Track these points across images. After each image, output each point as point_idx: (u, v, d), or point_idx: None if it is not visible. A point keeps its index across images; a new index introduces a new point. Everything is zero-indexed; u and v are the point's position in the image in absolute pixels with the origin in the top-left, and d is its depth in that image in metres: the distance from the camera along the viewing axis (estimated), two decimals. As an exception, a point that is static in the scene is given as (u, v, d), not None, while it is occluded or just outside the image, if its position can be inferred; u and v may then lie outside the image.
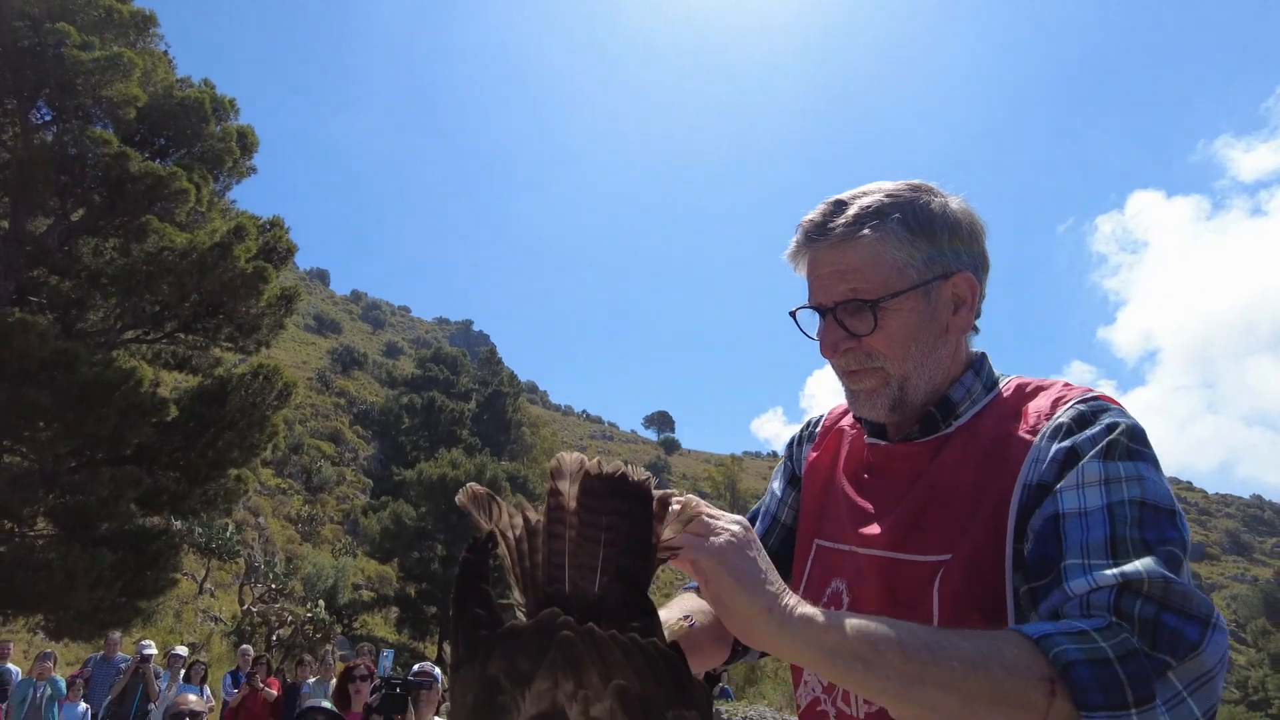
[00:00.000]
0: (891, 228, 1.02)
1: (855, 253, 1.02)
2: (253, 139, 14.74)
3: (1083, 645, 0.75)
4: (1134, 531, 0.83)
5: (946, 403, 1.06)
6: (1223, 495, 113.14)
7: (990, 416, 1.04)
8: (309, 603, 23.19)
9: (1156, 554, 0.81)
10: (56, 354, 10.44)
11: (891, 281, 1.02)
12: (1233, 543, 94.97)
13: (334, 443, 56.03)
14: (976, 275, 1.07)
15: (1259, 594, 75.90)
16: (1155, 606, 0.77)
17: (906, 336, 1.03)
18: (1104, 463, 0.89)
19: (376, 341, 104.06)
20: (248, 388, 12.61)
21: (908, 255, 1.02)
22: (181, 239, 11.99)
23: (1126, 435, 0.91)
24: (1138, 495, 0.86)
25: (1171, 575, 0.79)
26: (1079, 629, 0.76)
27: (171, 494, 12.33)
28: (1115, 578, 0.80)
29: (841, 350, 1.06)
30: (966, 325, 1.07)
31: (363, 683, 5.02)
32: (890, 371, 1.05)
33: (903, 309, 1.03)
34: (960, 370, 1.08)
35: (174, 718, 3.84)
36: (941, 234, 1.04)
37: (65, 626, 11.28)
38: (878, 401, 1.06)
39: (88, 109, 12.65)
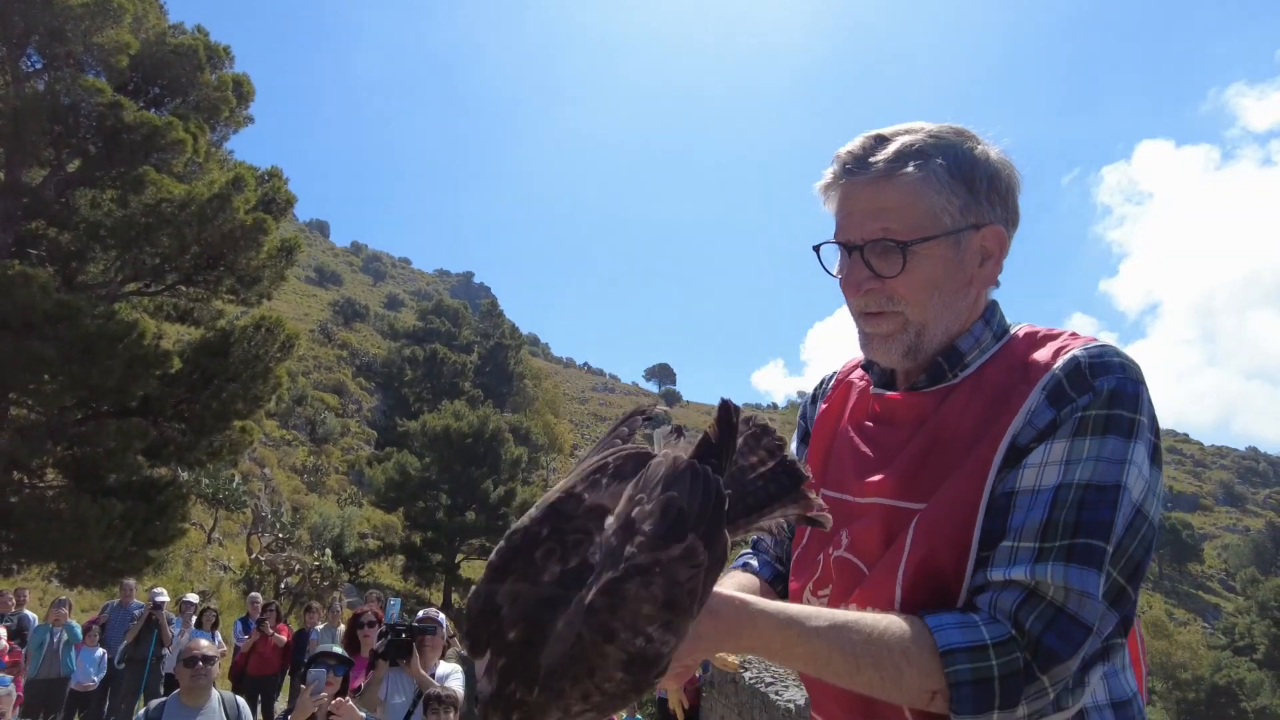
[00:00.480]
0: (934, 169, 1.01)
1: (894, 191, 1.01)
2: (249, 88, 14.50)
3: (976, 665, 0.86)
4: (1070, 516, 0.89)
5: (954, 352, 1.06)
6: (1218, 447, 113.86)
7: (997, 365, 1.04)
8: (316, 551, 23.61)
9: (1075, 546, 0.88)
10: (58, 306, 10.44)
11: (926, 225, 1.01)
12: (1226, 494, 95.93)
13: (337, 394, 56.28)
14: (1007, 230, 1.06)
15: (1249, 544, 76.98)
16: (1042, 625, 0.87)
17: (931, 283, 1.03)
18: (1071, 441, 0.92)
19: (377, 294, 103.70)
20: (250, 340, 12.63)
21: (945, 200, 1.01)
22: (179, 190, 11.88)
23: (1105, 403, 0.92)
24: (1086, 477, 0.90)
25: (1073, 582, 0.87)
26: (981, 642, 0.87)
27: (177, 445, 12.45)
28: (1026, 577, 0.88)
29: (864, 290, 1.05)
30: (991, 278, 1.07)
31: (370, 629, 5.14)
32: (910, 317, 1.04)
33: (932, 255, 1.02)
34: (973, 320, 1.07)
35: (187, 661, 3.95)
36: (980, 183, 1.03)
37: (78, 574, 11.50)
38: (893, 346, 1.06)
39: (79, 56, 12.42)
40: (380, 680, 4.28)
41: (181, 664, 3.94)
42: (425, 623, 4.60)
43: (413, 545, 30.20)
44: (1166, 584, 70.66)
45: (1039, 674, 0.86)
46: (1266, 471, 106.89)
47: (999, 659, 0.86)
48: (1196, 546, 73.31)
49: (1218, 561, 77.43)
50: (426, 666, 4.38)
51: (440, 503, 30.61)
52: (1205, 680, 43.95)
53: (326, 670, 3.78)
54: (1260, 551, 73.82)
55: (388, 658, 4.28)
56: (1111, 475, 0.90)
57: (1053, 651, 0.86)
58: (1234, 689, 43.18)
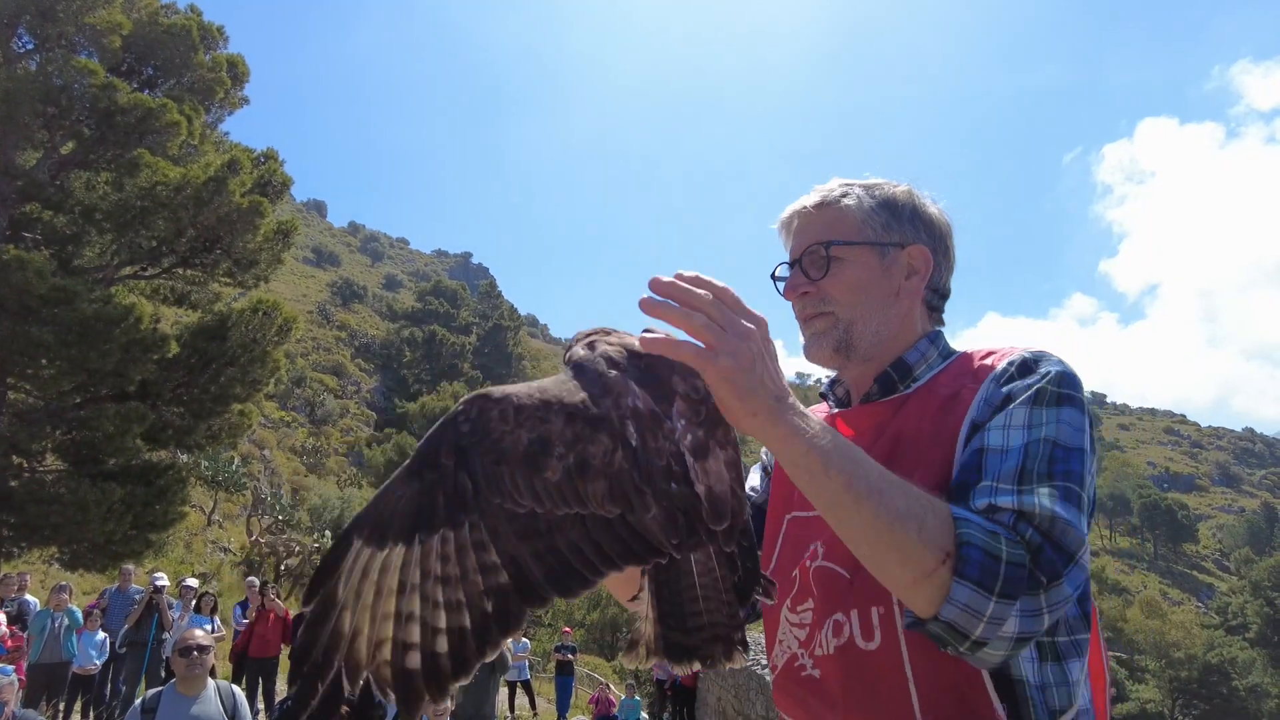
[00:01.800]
0: (862, 198, 1.19)
1: (828, 214, 1.19)
2: (244, 68, 14.37)
3: (987, 539, 0.88)
4: (1042, 466, 0.95)
5: (902, 365, 1.17)
6: (1215, 428, 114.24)
7: (946, 375, 1.14)
8: (316, 533, 23.71)
9: (1055, 487, 0.94)
10: (55, 290, 10.41)
11: (850, 234, 1.17)
12: (1222, 474, 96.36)
13: (336, 376, 56.29)
14: (935, 256, 1.20)
15: (1245, 524, 77.41)
16: (1041, 537, 0.91)
17: (858, 285, 1.16)
18: (1031, 408, 1.00)
19: (375, 274, 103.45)
20: (248, 323, 12.60)
21: (869, 218, 1.18)
22: (175, 173, 11.80)
23: (1055, 382, 1.02)
24: (1052, 435, 0.98)
25: (1059, 510, 0.92)
26: (993, 529, 0.90)
27: (176, 429, 12.47)
28: (1012, 503, 0.93)
29: (800, 293, 1.19)
30: (916, 291, 1.19)
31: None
32: (839, 315, 1.17)
33: (857, 260, 1.17)
34: (915, 338, 1.19)
35: (182, 651, 3.97)
36: (904, 210, 1.20)
37: (79, 558, 11.56)
38: (824, 342, 1.18)
39: (71, 37, 12.29)
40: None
41: (177, 654, 3.97)
42: None
43: (413, 526, 30.38)
44: (1162, 564, 71.17)
45: (1041, 584, 0.88)
46: (1263, 452, 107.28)
47: (1008, 546, 0.89)
48: (1192, 527, 73.75)
49: (1213, 542, 77.97)
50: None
51: (439, 484, 30.76)
52: (1198, 659, 44.41)
53: None
54: (1255, 532, 74.29)
55: None
56: (1075, 440, 0.98)
57: (1051, 563, 0.89)
58: (1226, 667, 43.66)
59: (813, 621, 1.13)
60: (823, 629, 1.09)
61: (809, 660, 1.12)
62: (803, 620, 1.15)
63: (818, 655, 1.11)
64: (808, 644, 1.13)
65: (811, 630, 1.13)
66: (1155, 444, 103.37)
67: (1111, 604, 48.58)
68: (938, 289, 1.22)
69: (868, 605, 1.04)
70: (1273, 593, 50.43)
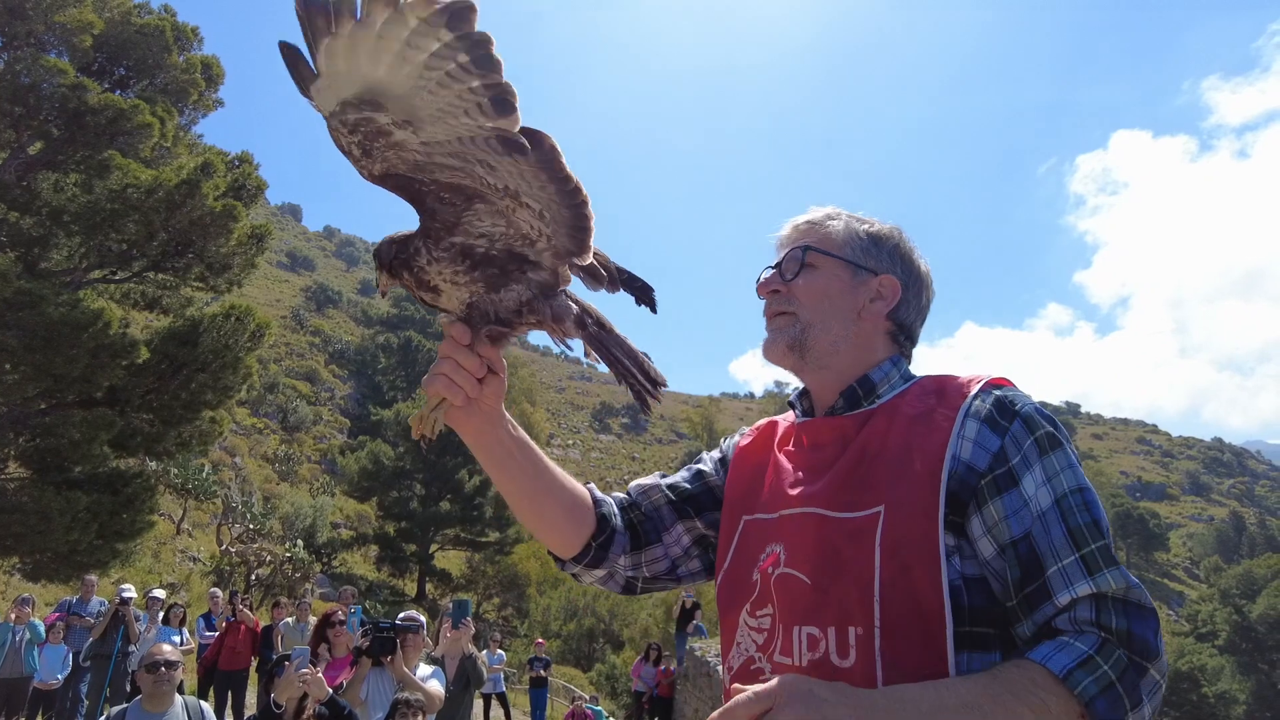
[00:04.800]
0: (848, 220, 1.29)
1: (815, 229, 1.30)
2: (218, 70, 14.16)
3: (1094, 675, 0.93)
4: (1083, 517, 1.01)
5: (867, 381, 1.23)
6: (1185, 438, 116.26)
7: (910, 395, 1.18)
8: (288, 542, 23.35)
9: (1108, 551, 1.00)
10: (20, 294, 10.14)
11: (829, 247, 1.27)
12: (1192, 483, 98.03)
13: (310, 382, 55.65)
14: (905, 292, 1.27)
15: (1214, 533, 78.76)
16: (1125, 619, 0.96)
17: (824, 293, 1.25)
18: (1041, 461, 1.05)
19: (350, 279, 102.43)
20: (220, 329, 12.36)
21: (849, 239, 1.27)
22: (147, 176, 11.58)
23: (1041, 425, 1.07)
24: (1074, 483, 1.03)
25: (1127, 578, 0.98)
26: (1085, 654, 0.94)
27: (145, 436, 12.19)
28: (1090, 589, 0.97)
29: (770, 289, 1.29)
30: (879, 316, 1.26)
31: (341, 628, 5.07)
32: (800, 316, 1.25)
33: (829, 271, 1.26)
34: (878, 360, 1.25)
35: (149, 667, 3.84)
36: (885, 243, 1.28)
37: (43, 568, 11.25)
38: (780, 338, 1.25)
39: (40, 35, 12.03)
40: (362, 679, 4.26)
41: (144, 669, 3.84)
42: (408, 622, 4.63)
43: (386, 535, 29.98)
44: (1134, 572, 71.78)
45: (1146, 665, 0.95)
46: (1231, 462, 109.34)
47: (1106, 662, 0.94)
48: (1163, 535, 74.86)
49: (1183, 550, 79.23)
50: (408, 666, 4.41)
51: (414, 492, 30.40)
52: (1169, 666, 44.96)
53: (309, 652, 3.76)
54: (1224, 540, 75.66)
55: (372, 655, 4.30)
56: (1079, 479, 1.04)
57: (1144, 639, 0.96)
58: (1196, 674, 44.27)
59: (770, 627, 1.15)
60: (790, 636, 1.11)
61: (767, 665, 1.14)
62: (761, 625, 1.17)
63: (777, 661, 1.12)
64: (765, 648, 1.15)
65: (769, 635, 1.15)
66: (1128, 453, 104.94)
67: (1084, 612, 49.03)
68: (903, 326, 1.28)
69: (845, 624, 1.05)
70: (1241, 600, 51.27)
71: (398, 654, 4.35)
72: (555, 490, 1.32)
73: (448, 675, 5.52)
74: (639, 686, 13.05)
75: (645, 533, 1.38)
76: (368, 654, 4.33)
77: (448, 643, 5.81)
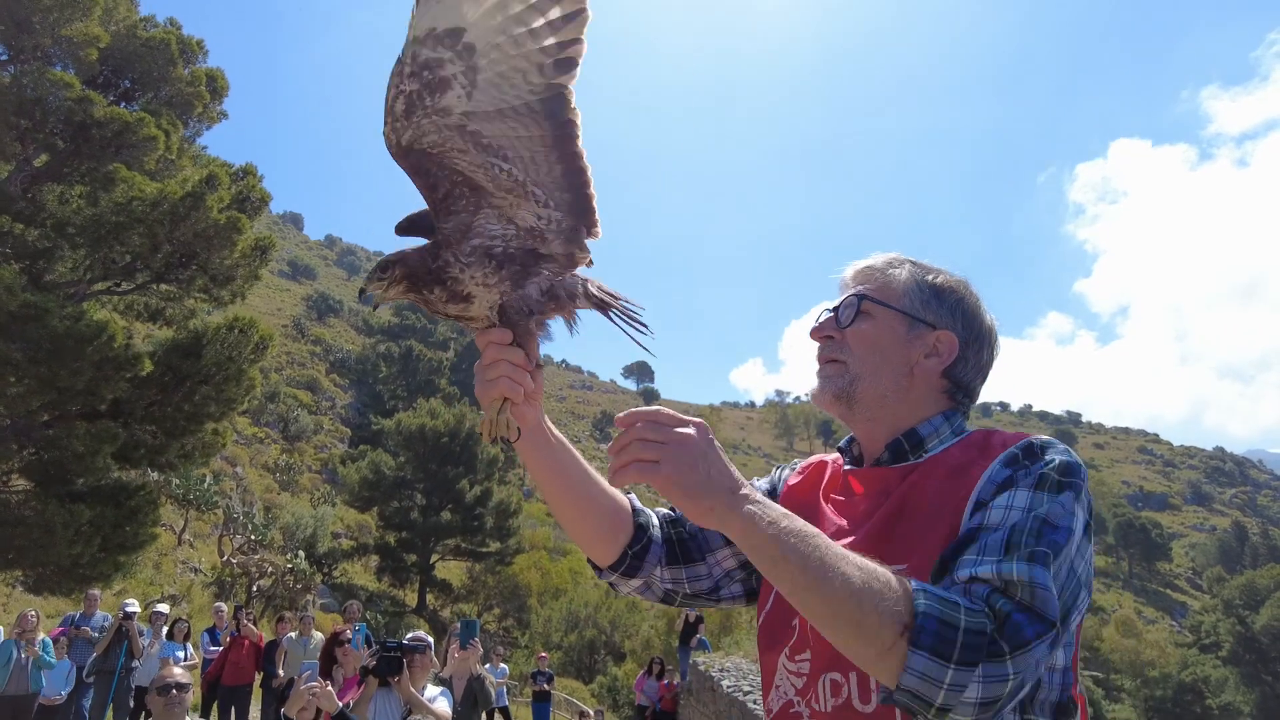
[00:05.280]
0: (911, 270, 1.27)
1: (876, 275, 1.28)
2: (223, 83, 14.20)
3: (944, 609, 0.91)
4: (1030, 540, 0.99)
5: (914, 435, 1.21)
6: (1186, 447, 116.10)
7: (957, 449, 1.18)
8: (289, 553, 23.28)
9: (1036, 555, 0.97)
10: (25, 306, 10.14)
11: (887, 297, 1.25)
12: (1194, 493, 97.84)
13: (311, 391, 55.62)
14: (964, 349, 1.25)
15: (1216, 543, 78.53)
16: (1012, 607, 0.93)
17: (876, 344, 1.23)
18: (1032, 492, 1.04)
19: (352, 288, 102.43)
20: (223, 341, 12.36)
21: (909, 290, 1.25)
22: (151, 188, 11.60)
23: (1059, 470, 1.06)
24: (1043, 514, 1.01)
25: (1037, 578, 0.94)
26: (954, 600, 0.92)
27: (149, 448, 12.17)
28: (993, 573, 0.95)
29: (823, 335, 1.28)
30: (933, 373, 1.24)
31: (348, 646, 5.05)
32: (850, 366, 1.24)
33: (884, 321, 1.24)
34: (930, 413, 1.23)
35: (161, 690, 3.82)
36: (948, 297, 1.26)
37: (45, 581, 11.23)
38: (829, 385, 1.25)
39: (47, 49, 12.08)
40: (369, 699, 4.23)
41: (155, 692, 3.81)
42: (415, 642, 4.60)
43: (387, 545, 29.88)
44: (1136, 582, 71.95)
45: (1004, 651, 0.89)
46: (1233, 471, 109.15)
47: (967, 615, 0.91)
48: (1165, 545, 74.65)
49: (1186, 560, 78.97)
50: (415, 687, 4.38)
51: (415, 502, 30.32)
52: (1173, 678, 44.78)
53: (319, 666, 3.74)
54: (1226, 550, 75.42)
55: (379, 674, 4.26)
56: (1065, 520, 1.01)
57: (1019, 630, 0.91)
58: (1200, 686, 44.08)
59: (809, 672, 1.16)
60: (817, 681, 1.13)
61: (805, 710, 1.15)
62: (800, 670, 1.18)
63: (815, 709, 1.13)
64: (804, 693, 1.16)
65: (809, 681, 1.16)
66: (1129, 463, 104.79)
67: (1088, 623, 48.81)
68: (960, 382, 1.26)
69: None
70: (1244, 611, 51.04)
71: (404, 674, 4.32)
72: (597, 493, 1.33)
73: (455, 696, 5.49)
74: (642, 700, 12.99)
75: (688, 550, 1.38)
76: (374, 674, 4.31)
77: (455, 663, 5.78)
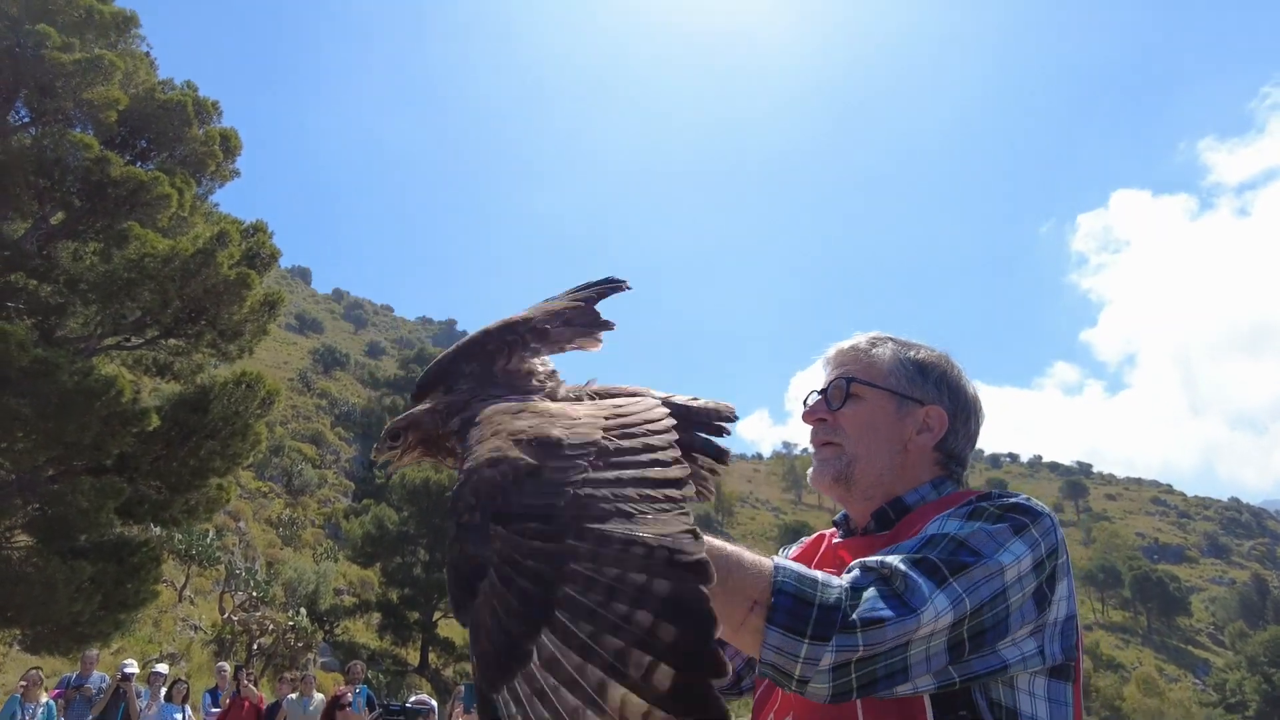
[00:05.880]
0: (894, 348, 1.32)
1: (861, 356, 1.32)
2: (236, 142, 14.54)
3: (799, 587, 0.94)
4: (930, 551, 1.01)
5: (899, 504, 1.25)
6: (1201, 498, 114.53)
7: (931, 507, 1.20)
8: (290, 609, 22.94)
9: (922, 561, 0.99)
10: (36, 362, 10.21)
11: (875, 378, 1.29)
12: (1211, 545, 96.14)
13: (315, 445, 55.49)
14: (953, 422, 1.28)
15: (1236, 596, 76.83)
16: (873, 587, 0.96)
17: (870, 424, 1.26)
18: (963, 520, 1.07)
19: (358, 341, 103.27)
20: (230, 395, 12.39)
21: (894, 368, 1.29)
22: (164, 245, 11.78)
23: (1000, 506, 1.09)
24: (963, 536, 1.03)
25: (908, 570, 0.97)
26: (813, 578, 0.95)
27: (153, 503, 12.11)
28: (877, 562, 0.99)
29: (815, 418, 1.31)
30: (925, 448, 1.27)
31: (349, 710, 4.95)
32: (846, 448, 1.27)
33: (874, 401, 1.27)
34: (919, 483, 1.26)
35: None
36: (931, 371, 1.30)
37: (43, 639, 11.04)
38: (827, 469, 1.28)
39: (68, 111, 12.41)
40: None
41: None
42: (419, 705, 4.53)
43: (389, 602, 29.42)
44: (1156, 638, 70.20)
45: (857, 625, 0.92)
46: (1249, 522, 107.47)
47: (823, 591, 0.94)
48: (1184, 600, 73.00)
49: (1206, 615, 77.16)
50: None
51: (418, 558, 29.94)
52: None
53: None
54: (1247, 604, 73.69)
55: None
56: (986, 547, 1.02)
57: (874, 609, 0.93)
58: (1226, 747, 42.62)
59: None
60: None
61: None
62: None
63: None
64: None
65: None
66: (1143, 514, 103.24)
67: (1108, 681, 47.56)
68: (951, 453, 1.29)
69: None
70: (1269, 668, 49.62)
71: None
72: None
73: (458, 759, 5.36)
74: None
75: None
76: None
77: None
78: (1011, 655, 1.04)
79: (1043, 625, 1.07)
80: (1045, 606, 1.06)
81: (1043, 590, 1.05)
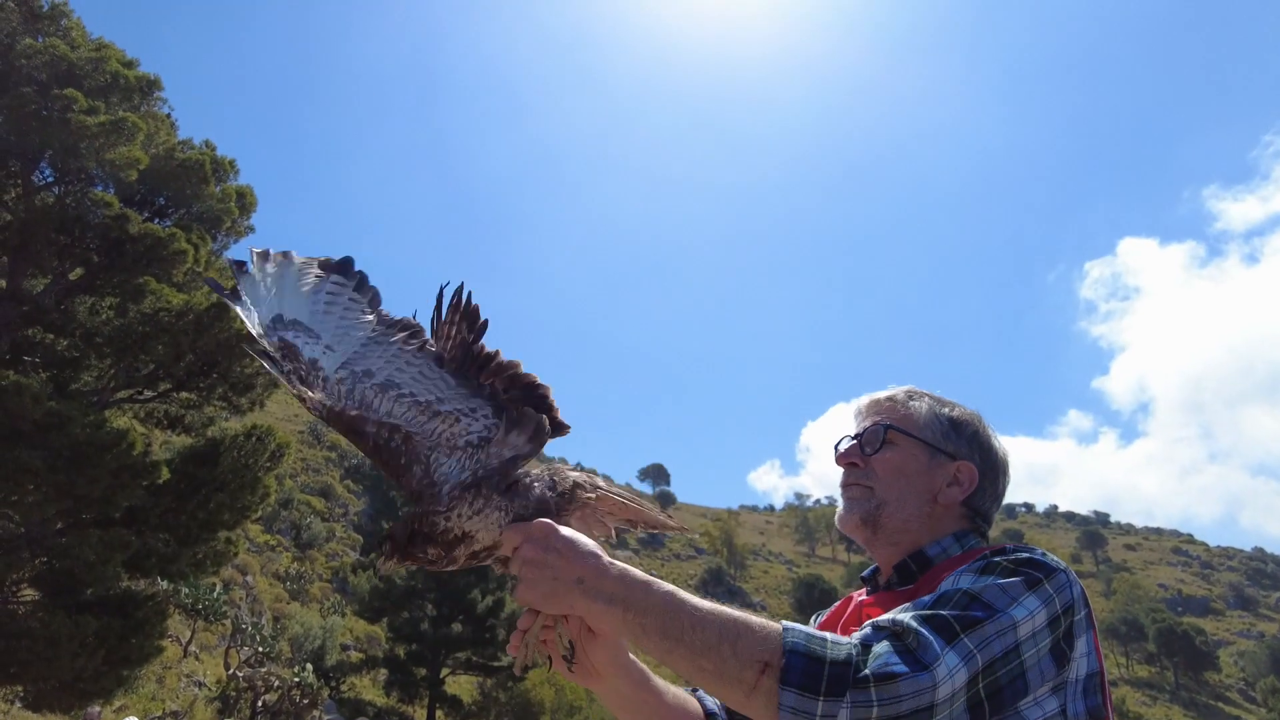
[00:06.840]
0: (930, 403, 1.35)
1: (896, 406, 1.36)
2: (251, 199, 14.89)
3: (810, 645, 0.95)
4: (944, 606, 1.01)
5: (921, 556, 1.26)
6: (1224, 548, 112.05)
7: (951, 563, 1.22)
8: (296, 665, 22.60)
9: (935, 618, 0.99)
10: (49, 415, 10.33)
11: (910, 427, 1.32)
12: (1237, 597, 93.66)
13: (324, 498, 55.28)
14: (982, 479, 1.31)
15: (1266, 650, 74.53)
16: (885, 644, 0.96)
17: (901, 471, 1.29)
18: (976, 575, 1.07)
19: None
20: (240, 448, 12.47)
21: (930, 422, 1.32)
22: (178, 299, 12.01)
23: (1014, 560, 1.09)
24: (975, 590, 1.03)
25: (920, 628, 0.97)
26: (822, 636, 0.96)
27: (160, 556, 12.08)
28: (889, 620, 1.00)
29: (849, 460, 1.33)
30: (954, 502, 1.29)
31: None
32: (875, 491, 1.29)
33: (908, 450, 1.30)
34: (943, 535, 1.28)
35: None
36: (965, 429, 1.33)
37: (45, 697, 10.94)
38: (855, 509, 1.30)
39: (90, 171, 12.79)
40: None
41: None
42: None
43: (396, 658, 28.95)
44: (1184, 694, 67.94)
45: (870, 680, 0.91)
46: (1275, 573, 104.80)
47: (832, 650, 0.94)
48: (1211, 654, 70.82)
49: (1235, 670, 74.75)
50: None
51: (425, 613, 29.55)
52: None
53: None
54: (1278, 659, 71.39)
55: None
56: (999, 601, 1.02)
57: (886, 664, 0.93)
58: (1263, 811, 40.86)
59: None
60: None
61: None
62: None
63: None
64: None
65: None
66: (1164, 564, 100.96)
67: (1135, 740, 45.90)
68: (978, 510, 1.32)
69: None
70: (1303, 727, 47.86)
71: None
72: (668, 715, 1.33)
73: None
74: None
75: None
76: None
77: None
78: (1033, 715, 1.02)
79: (1063, 683, 1.05)
80: (1065, 663, 1.05)
81: (1060, 647, 1.05)
